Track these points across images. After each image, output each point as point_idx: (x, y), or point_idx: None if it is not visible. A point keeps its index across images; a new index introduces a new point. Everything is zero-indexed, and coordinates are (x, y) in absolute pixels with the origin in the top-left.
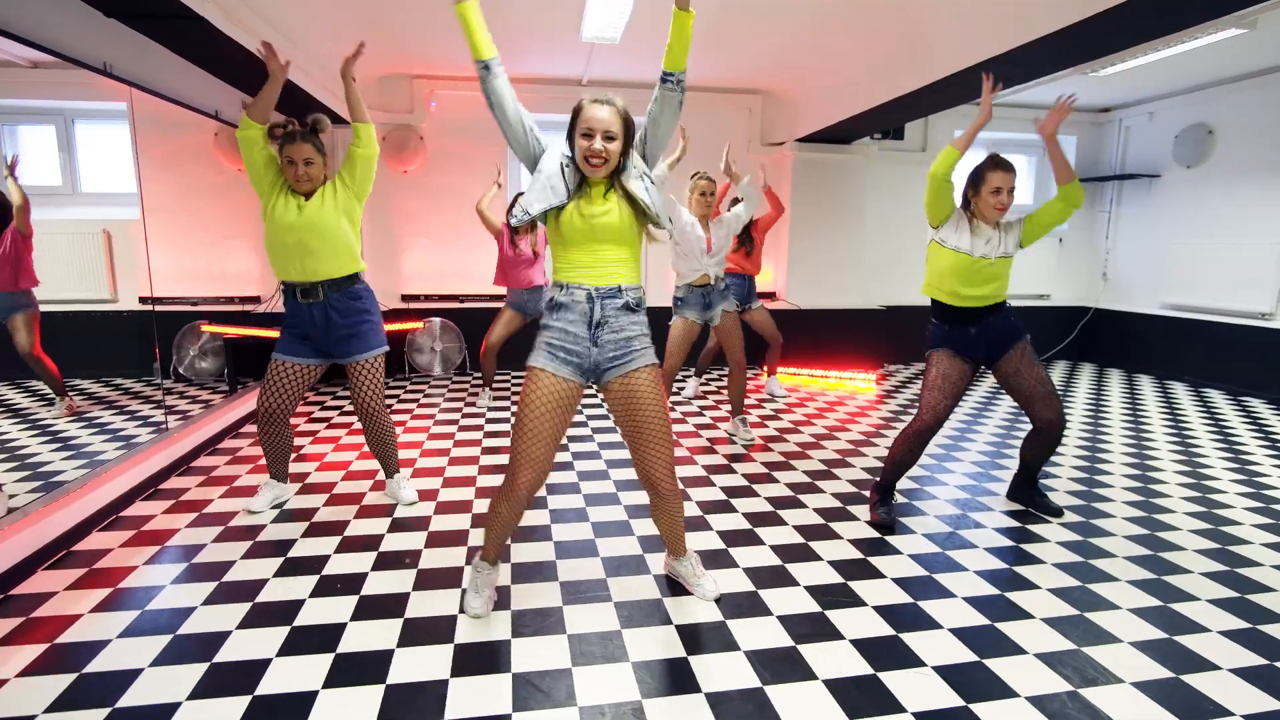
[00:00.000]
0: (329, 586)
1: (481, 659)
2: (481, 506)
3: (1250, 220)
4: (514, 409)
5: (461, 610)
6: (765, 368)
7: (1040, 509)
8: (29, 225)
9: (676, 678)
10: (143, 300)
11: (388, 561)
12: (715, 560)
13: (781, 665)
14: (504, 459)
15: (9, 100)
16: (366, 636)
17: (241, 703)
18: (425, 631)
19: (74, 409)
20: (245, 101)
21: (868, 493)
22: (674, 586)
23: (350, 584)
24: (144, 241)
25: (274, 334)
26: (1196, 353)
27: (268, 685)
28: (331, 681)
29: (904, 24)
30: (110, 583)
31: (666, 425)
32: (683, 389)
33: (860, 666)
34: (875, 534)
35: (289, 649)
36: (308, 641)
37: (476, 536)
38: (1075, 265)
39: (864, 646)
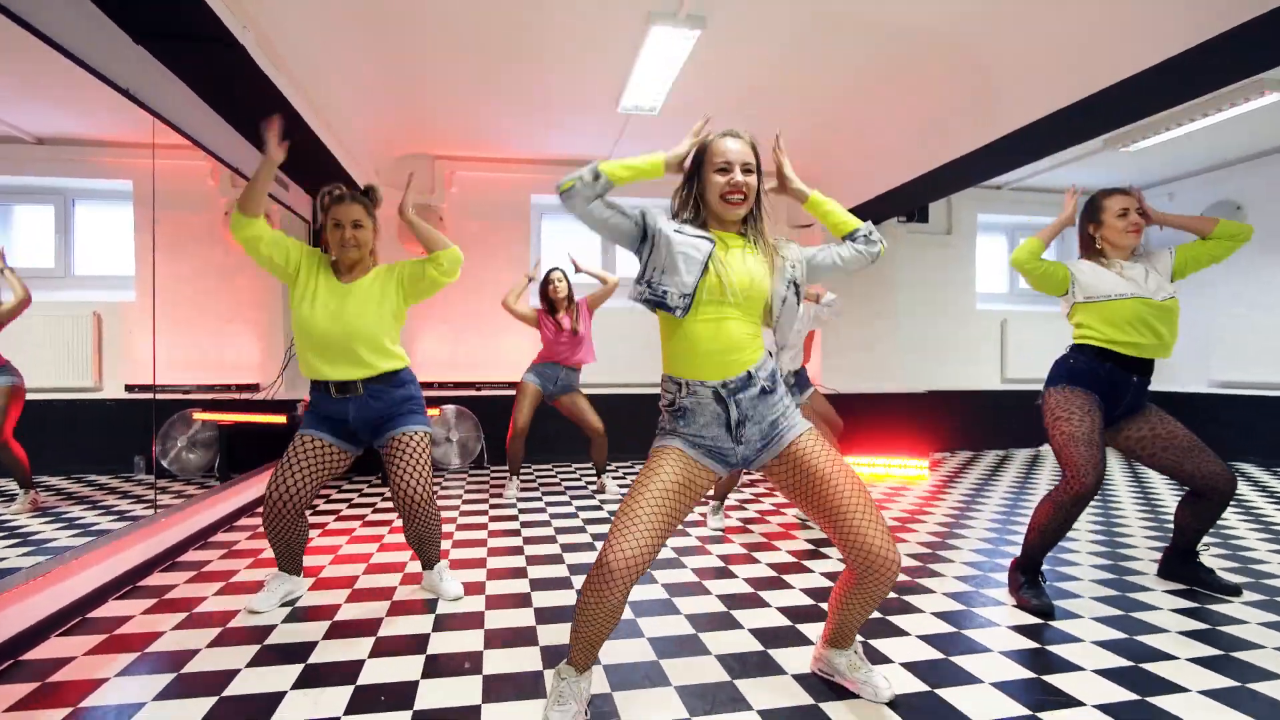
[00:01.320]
0: (370, 700)
1: None
2: (542, 600)
3: None
4: (547, 500)
5: None
6: None
7: (1212, 588)
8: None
9: None
10: (129, 388)
11: (441, 666)
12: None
13: None
14: (552, 549)
15: (10, 178)
16: None
17: None
18: None
19: (39, 504)
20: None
21: (1002, 575)
22: (822, 687)
23: (397, 696)
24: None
25: (277, 419)
26: (1261, 431)
27: None
28: None
29: (929, 101)
30: (67, 701)
31: (858, 482)
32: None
33: None
34: (1032, 619)
35: None
36: None
37: (548, 634)
38: None
39: None
